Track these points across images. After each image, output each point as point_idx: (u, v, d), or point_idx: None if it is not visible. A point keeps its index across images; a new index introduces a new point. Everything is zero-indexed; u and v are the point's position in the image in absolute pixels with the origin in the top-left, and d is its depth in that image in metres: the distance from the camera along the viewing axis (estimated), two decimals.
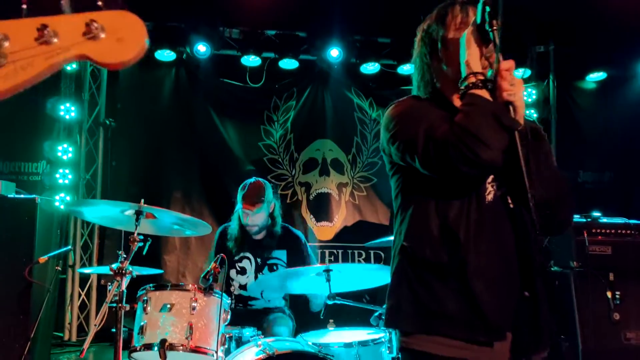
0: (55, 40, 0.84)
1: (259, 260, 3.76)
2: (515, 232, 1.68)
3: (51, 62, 0.84)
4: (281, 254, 3.79)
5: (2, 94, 0.84)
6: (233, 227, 3.80)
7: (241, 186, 3.78)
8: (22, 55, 0.83)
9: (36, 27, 0.84)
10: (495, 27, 1.57)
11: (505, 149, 1.57)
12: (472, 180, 1.67)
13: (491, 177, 1.71)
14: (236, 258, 3.73)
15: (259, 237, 3.79)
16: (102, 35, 0.85)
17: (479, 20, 1.59)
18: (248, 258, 3.76)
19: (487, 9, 1.56)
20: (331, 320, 3.40)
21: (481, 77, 1.60)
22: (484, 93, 1.59)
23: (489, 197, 1.69)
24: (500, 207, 1.69)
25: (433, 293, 1.65)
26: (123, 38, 0.87)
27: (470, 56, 1.62)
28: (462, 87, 1.62)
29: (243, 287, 3.76)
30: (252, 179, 3.82)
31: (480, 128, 1.53)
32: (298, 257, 3.79)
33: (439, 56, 1.77)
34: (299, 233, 3.94)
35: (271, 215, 3.78)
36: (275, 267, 3.76)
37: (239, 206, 3.73)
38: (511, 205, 1.70)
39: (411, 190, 1.77)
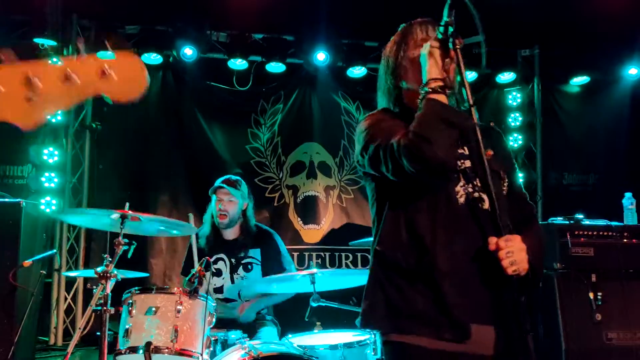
0: (76, 81, 1.07)
1: (233, 260, 3.79)
2: (489, 233, 1.74)
3: (73, 98, 1.07)
4: (255, 253, 3.83)
5: (31, 127, 1.06)
6: (205, 228, 3.87)
7: (217, 180, 3.92)
8: (50, 94, 1.07)
9: (62, 70, 1.07)
10: (458, 46, 1.72)
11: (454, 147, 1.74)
12: (439, 184, 1.77)
13: (462, 181, 1.81)
14: (212, 260, 3.74)
15: (231, 236, 3.83)
16: (113, 76, 1.07)
17: (440, 36, 1.74)
18: (222, 259, 3.79)
19: (450, 29, 1.72)
20: (318, 323, 3.42)
21: (440, 83, 1.72)
22: (441, 97, 1.71)
23: (461, 200, 1.79)
24: (473, 210, 1.79)
25: (403, 295, 1.76)
26: (129, 79, 1.08)
27: (431, 65, 1.74)
28: (422, 92, 1.73)
29: (219, 289, 3.76)
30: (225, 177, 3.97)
31: (425, 126, 1.65)
32: (272, 255, 3.85)
33: (400, 75, 1.90)
34: (271, 230, 3.99)
35: (244, 214, 3.85)
36: (249, 267, 3.79)
37: (212, 200, 3.82)
38: (484, 208, 1.79)
39: (383, 198, 1.89)
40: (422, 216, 1.76)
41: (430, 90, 1.71)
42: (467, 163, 1.84)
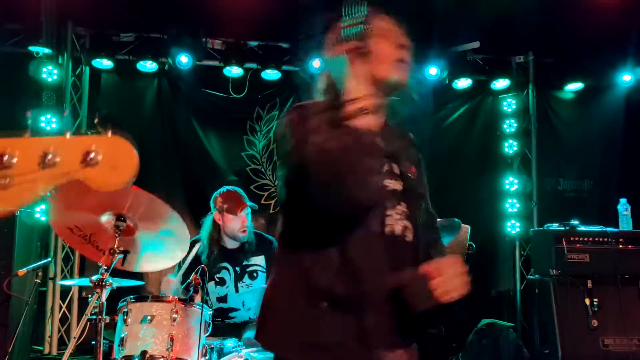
0: (56, 165, 0.89)
1: (237, 269, 3.76)
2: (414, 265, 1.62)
3: (51, 185, 0.89)
4: (259, 260, 3.80)
5: (4, 215, 0.90)
6: (204, 241, 3.76)
7: (218, 197, 3.79)
8: (26, 178, 0.87)
9: (40, 151, 0.88)
10: None
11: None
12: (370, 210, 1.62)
13: (391, 208, 1.65)
14: (214, 269, 3.71)
15: (233, 246, 3.79)
16: (98, 162, 0.90)
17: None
18: (226, 268, 3.75)
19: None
20: None
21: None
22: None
23: (388, 229, 1.63)
24: (397, 242, 1.64)
25: (319, 321, 1.58)
26: (117, 166, 0.91)
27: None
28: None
29: (222, 298, 3.73)
30: (225, 189, 3.84)
31: None
32: None
33: None
34: (271, 237, 3.96)
35: None
36: (255, 274, 3.76)
37: (212, 214, 3.75)
38: (407, 240, 1.66)
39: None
40: (354, 240, 1.57)
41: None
42: (397, 185, 1.68)
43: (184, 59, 5.81)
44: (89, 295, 2.71)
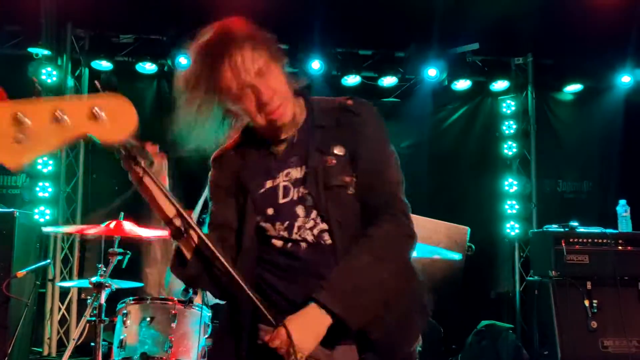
0: (65, 121, 1.03)
1: None
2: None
3: (62, 139, 1.04)
4: None
5: (20, 167, 1.03)
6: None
7: None
8: (39, 134, 1.02)
9: (51, 109, 1.03)
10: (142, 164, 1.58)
11: None
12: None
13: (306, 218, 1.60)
14: None
15: None
16: (103, 117, 1.07)
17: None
18: None
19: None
20: None
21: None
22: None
23: (304, 245, 1.59)
24: (318, 247, 1.58)
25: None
26: (118, 120, 1.09)
27: None
28: None
29: None
30: None
31: None
32: None
33: None
34: None
35: None
36: None
37: None
38: (328, 242, 1.57)
39: None
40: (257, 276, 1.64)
41: None
42: (300, 191, 1.61)
43: (183, 61, 5.81)
44: (88, 297, 2.71)
